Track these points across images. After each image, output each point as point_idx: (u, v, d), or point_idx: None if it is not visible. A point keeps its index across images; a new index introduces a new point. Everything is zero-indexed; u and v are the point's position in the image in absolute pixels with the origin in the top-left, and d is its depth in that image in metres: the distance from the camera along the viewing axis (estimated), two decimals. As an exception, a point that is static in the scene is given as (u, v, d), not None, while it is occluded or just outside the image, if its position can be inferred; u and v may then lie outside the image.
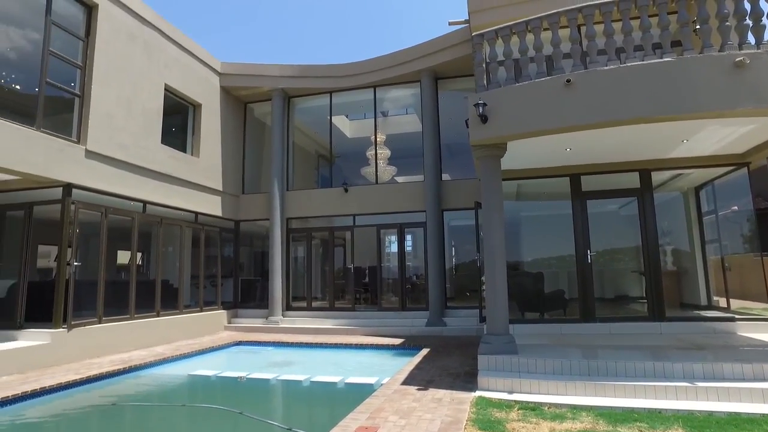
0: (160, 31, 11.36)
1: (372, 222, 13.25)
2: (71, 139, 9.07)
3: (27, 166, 8.07)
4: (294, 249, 14.13)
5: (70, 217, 8.84)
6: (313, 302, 13.67)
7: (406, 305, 12.72)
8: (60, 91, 9.14)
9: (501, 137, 6.79)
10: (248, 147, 14.96)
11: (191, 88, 12.46)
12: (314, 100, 14.60)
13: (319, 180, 16.54)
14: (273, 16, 42.27)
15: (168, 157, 11.36)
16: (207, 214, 12.91)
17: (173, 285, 12.00)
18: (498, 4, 9.95)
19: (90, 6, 9.63)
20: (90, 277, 9.53)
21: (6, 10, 8.52)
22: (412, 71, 13.00)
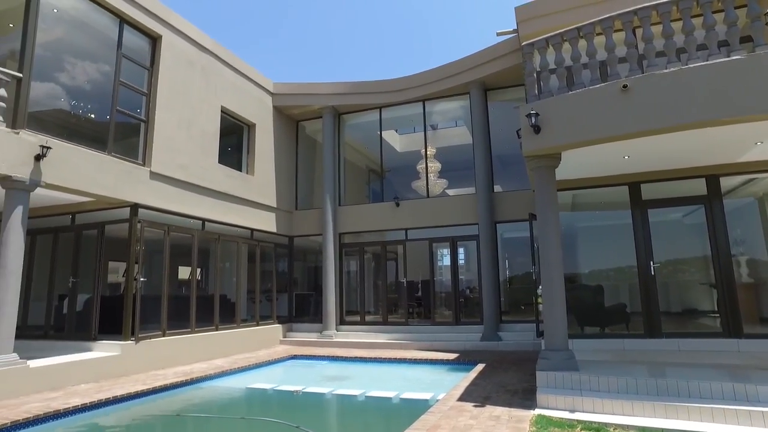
0: (216, 57, 11.91)
1: (424, 236, 13.20)
2: (137, 162, 9.62)
3: (100, 189, 8.63)
4: (347, 263, 14.27)
5: (137, 235, 9.34)
6: (366, 316, 13.72)
7: (459, 319, 12.53)
8: (128, 117, 9.73)
9: (555, 147, 6.61)
10: (301, 164, 15.33)
11: (246, 108, 12.96)
12: (364, 116, 14.81)
13: (370, 195, 16.68)
14: (323, 36, 43.44)
15: (225, 176, 11.82)
16: (262, 231, 13.29)
17: (231, 300, 12.39)
18: (547, 11, 9.75)
19: (154, 37, 10.25)
20: (154, 292, 10.00)
21: (83, 46, 9.24)
22: (460, 83, 12.95)
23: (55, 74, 8.75)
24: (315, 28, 42.98)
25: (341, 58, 44.52)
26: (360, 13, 41.50)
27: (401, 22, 42.44)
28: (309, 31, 42.89)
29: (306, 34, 42.97)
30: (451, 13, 41.73)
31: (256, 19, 42.81)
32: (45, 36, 8.32)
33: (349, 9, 41.35)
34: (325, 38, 43.88)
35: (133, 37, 9.87)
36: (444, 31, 43.03)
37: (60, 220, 10.00)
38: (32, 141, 7.60)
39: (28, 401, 6.65)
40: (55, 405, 6.33)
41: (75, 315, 9.67)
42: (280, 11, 40.84)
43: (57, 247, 10.08)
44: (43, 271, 10.10)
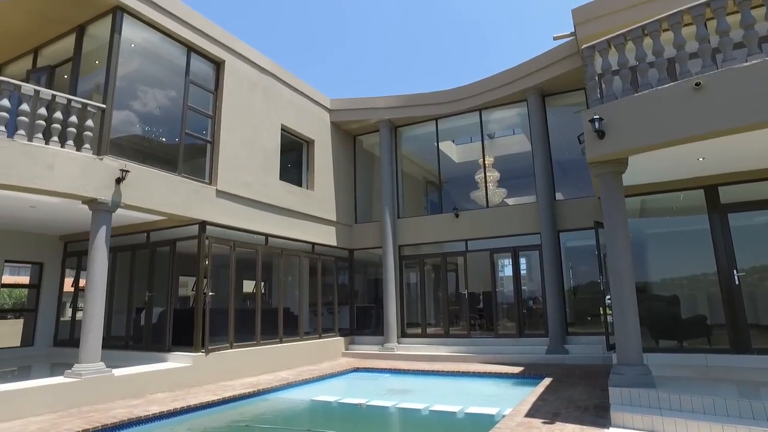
0: (276, 77, 12.38)
1: (484, 246, 12.97)
2: (204, 181, 10.12)
3: (171, 207, 9.14)
4: (407, 275, 14.26)
5: (205, 251, 9.79)
6: (427, 329, 13.62)
7: (523, 332, 12.16)
8: (195, 139, 10.28)
9: (621, 152, 6.32)
10: (359, 178, 15.56)
11: (305, 125, 13.34)
12: (420, 127, 14.85)
13: (428, 206, 16.64)
14: (380, 51, 44.14)
15: (286, 192, 12.18)
16: (323, 244, 13.56)
17: (294, 313, 12.68)
18: (605, 11, 9.41)
19: (218, 63, 10.81)
20: (221, 306, 10.40)
21: (155, 75, 9.91)
22: (517, 90, 12.72)
23: (131, 102, 9.41)
24: (373, 46, 43.74)
25: (399, 74, 45.05)
26: (415, 29, 41.84)
27: (457, 34, 42.36)
28: (368, 49, 43.73)
29: (365, 52, 43.83)
30: (507, 20, 41.22)
31: (318, 41, 44.16)
32: (123, 69, 8.98)
33: (404, 26, 41.84)
34: (383, 55, 44.55)
35: (199, 63, 10.46)
36: (500, 39, 42.54)
37: (137, 238, 10.67)
38: (113, 166, 8.19)
39: (114, 407, 7.10)
40: (137, 412, 6.71)
41: (151, 327, 10.24)
42: (341, 33, 41.96)
43: (134, 263, 10.75)
44: (122, 285, 10.79)
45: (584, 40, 9.68)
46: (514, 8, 41.49)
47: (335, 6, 42.88)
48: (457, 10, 40.56)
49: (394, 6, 40.89)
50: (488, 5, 39.98)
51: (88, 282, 7.93)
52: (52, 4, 8.90)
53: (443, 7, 40.07)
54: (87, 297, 7.92)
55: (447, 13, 40.44)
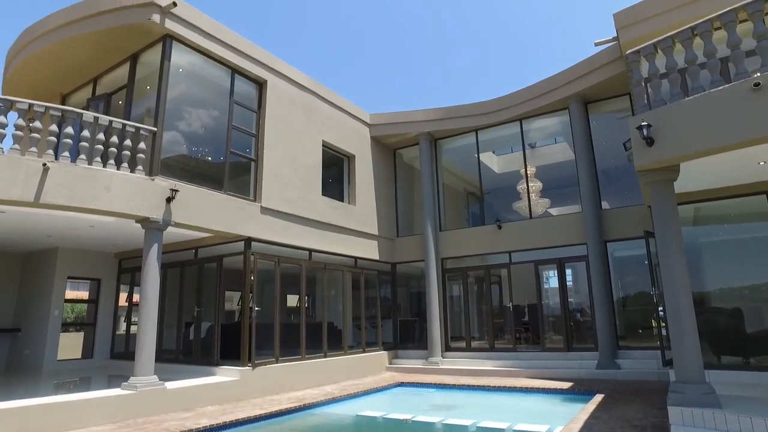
0: (316, 94, 12.63)
1: (528, 258, 12.70)
2: (249, 198, 10.39)
3: (218, 225, 9.43)
4: (450, 288, 14.11)
5: (251, 266, 10.01)
6: (471, 342, 13.40)
7: (571, 345, 11.78)
8: (239, 157, 10.59)
9: (672, 159, 6.08)
10: (400, 191, 15.60)
11: (345, 141, 13.52)
12: (460, 139, 14.79)
13: (469, 218, 16.49)
14: (419, 64, 44.44)
15: (328, 207, 12.34)
16: (365, 258, 13.63)
17: (337, 327, 12.75)
18: (649, 14, 9.15)
19: (260, 83, 11.14)
20: (266, 320, 10.57)
21: (201, 97, 10.33)
22: (558, 99, 12.50)
23: (179, 124, 9.82)
24: (412, 60, 44.13)
25: (438, 86, 45.23)
26: (454, 41, 41.95)
27: (496, 44, 42.16)
28: (408, 63, 44.14)
29: (404, 66, 44.29)
30: (547, 28, 40.72)
31: (357, 56, 44.99)
32: (172, 92, 9.39)
33: (443, 39, 42.02)
34: (423, 69, 44.88)
35: (242, 84, 10.81)
36: (539, 47, 42.08)
37: (185, 254, 11.04)
38: (164, 185, 8.53)
39: (167, 419, 7.32)
40: (188, 424, 6.88)
41: (200, 341, 10.53)
42: (379, 48, 42.57)
43: (183, 279, 11.12)
44: (172, 300, 11.15)
45: (627, 45, 9.46)
46: (554, 16, 41.00)
47: (374, 22, 43.65)
48: (496, 21, 40.43)
49: (433, 19, 41.25)
50: (528, 15, 39.68)
51: (142, 298, 8.25)
52: (110, 36, 9.44)
53: (481, 17, 40.11)
54: (141, 312, 8.23)
55: (486, 23, 40.41)
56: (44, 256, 11.97)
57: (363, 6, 42.69)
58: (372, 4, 42.33)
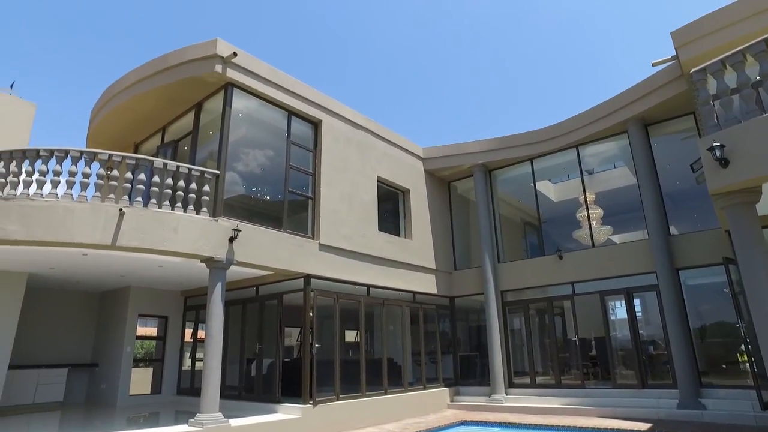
0: (370, 131, 12.91)
1: (593, 288, 12.13)
2: (307, 236, 10.62)
3: (278, 263, 9.67)
4: (510, 321, 13.67)
5: (311, 303, 10.14)
6: (536, 378, 12.82)
7: (646, 382, 10.99)
8: (297, 196, 10.91)
9: (752, 180, 5.66)
10: (455, 224, 15.48)
11: (399, 176, 13.66)
12: (515, 169, 14.60)
13: (528, 249, 16.06)
14: (471, 96, 44.78)
15: (385, 242, 12.40)
16: (423, 293, 13.50)
17: (397, 363, 12.58)
18: (710, 30, 8.82)
19: (316, 123, 11.54)
20: (326, 357, 10.58)
21: (259, 139, 10.83)
22: (615, 123, 12.15)
23: (240, 165, 10.29)
24: (463, 91, 44.59)
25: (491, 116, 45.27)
26: (506, 70, 42.09)
27: (549, 71, 41.93)
28: (458, 95, 44.61)
29: (455, 98, 44.77)
30: (599, 52, 40.09)
31: (409, 90, 46.01)
32: (233, 136, 9.88)
33: (495, 67, 42.27)
34: (474, 99, 45.16)
35: (298, 125, 11.23)
36: (593, 72, 41.37)
37: (247, 292, 11.35)
38: (227, 226, 8.89)
39: (230, 459, 7.37)
40: (251, 464, 6.90)
41: (262, 378, 10.67)
42: (429, 81, 43.35)
43: (245, 316, 11.40)
44: (235, 337, 11.43)
45: (688, 63, 9.13)
46: (606, 40, 40.36)
47: (422, 55, 44.66)
48: (545, 46, 40.33)
49: (482, 48, 41.68)
50: (578, 38, 39.35)
51: (207, 336, 8.50)
52: (178, 88, 10.14)
53: (531, 44, 40.11)
54: (206, 350, 8.47)
55: (536, 50, 40.37)
56: (118, 295, 12.67)
57: (411, 41, 43.86)
58: (420, 40, 43.42)
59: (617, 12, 38.83)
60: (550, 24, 40.63)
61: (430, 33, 43.84)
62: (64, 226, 7.57)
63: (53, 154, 8.04)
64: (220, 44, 9.53)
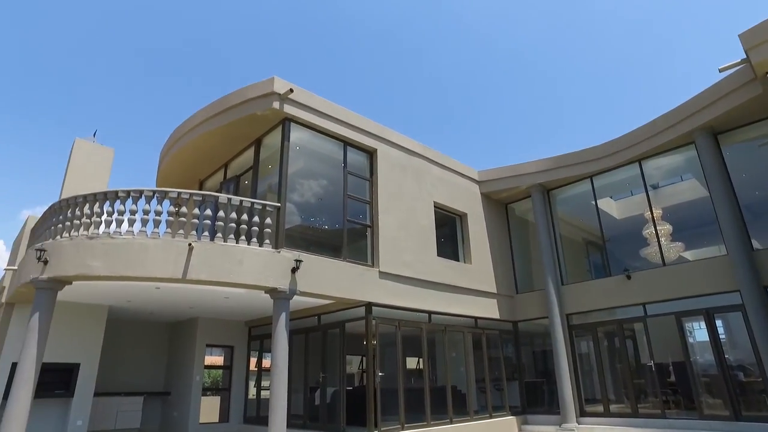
0: (424, 157, 12.96)
1: (667, 309, 11.43)
2: (367, 264, 10.69)
3: (339, 291, 9.77)
4: (578, 345, 13.07)
5: (373, 331, 10.13)
6: (610, 406, 12.10)
7: (739, 412, 10.05)
8: (354, 224, 11.04)
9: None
10: (515, 246, 15.14)
11: (456, 200, 13.57)
12: (574, 188, 14.19)
13: (591, 269, 15.39)
14: (525, 115, 44.26)
15: (444, 267, 12.27)
16: (485, 318, 13.20)
17: (461, 390, 12.27)
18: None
19: (371, 152, 11.72)
20: (389, 385, 10.48)
21: (316, 170, 11.11)
22: (681, 134, 11.60)
23: (298, 197, 10.57)
24: (517, 111, 44.20)
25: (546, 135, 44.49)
26: (559, 86, 41.44)
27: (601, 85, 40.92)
28: (511, 115, 44.27)
29: (508, 119, 44.45)
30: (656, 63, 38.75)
31: (460, 112, 46.15)
32: (291, 168, 10.18)
33: (548, 84, 41.73)
34: (529, 118, 44.64)
35: (353, 154, 11.44)
36: (651, 83, 39.97)
37: (309, 321, 11.50)
38: (288, 257, 9.10)
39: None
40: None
41: (326, 406, 10.69)
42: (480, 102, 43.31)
43: (308, 345, 11.53)
44: (298, 366, 11.53)
45: (762, 65, 8.65)
46: (662, 49, 38.97)
47: (470, 77, 44.78)
48: (600, 58, 39.40)
49: (533, 65, 41.31)
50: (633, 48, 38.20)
51: (273, 366, 8.64)
52: (238, 126, 10.63)
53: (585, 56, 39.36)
54: (272, 379, 8.60)
55: (591, 62, 39.52)
56: (187, 326, 13.18)
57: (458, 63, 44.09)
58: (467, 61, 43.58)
59: (675, 20, 37.46)
60: (603, 36, 39.75)
61: (477, 55, 43.96)
62: (140, 262, 8.01)
63: (129, 195, 8.58)
64: (277, 82, 9.95)
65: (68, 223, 8.61)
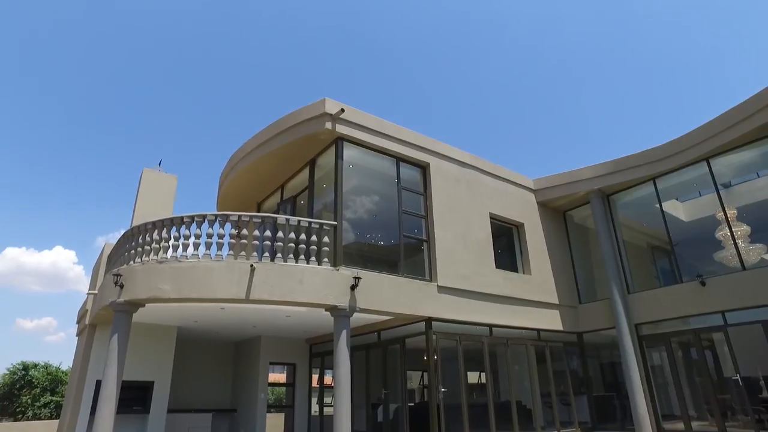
0: (477, 169, 12.80)
1: (752, 317, 10.60)
2: (425, 279, 10.62)
3: (398, 307, 9.74)
4: (649, 357, 12.38)
5: (433, 346, 10.02)
6: (692, 424, 11.31)
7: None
8: (410, 239, 11.01)
9: None
10: (575, 254, 14.61)
11: (511, 210, 13.29)
12: (636, 191, 13.57)
13: (659, 276, 14.61)
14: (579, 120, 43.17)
15: (503, 279, 12.01)
16: (548, 330, 12.77)
17: (526, 405, 11.90)
18: None
19: (423, 166, 11.70)
20: (450, 400, 10.28)
21: (370, 187, 11.23)
22: (754, 127, 10.87)
23: (353, 214, 10.68)
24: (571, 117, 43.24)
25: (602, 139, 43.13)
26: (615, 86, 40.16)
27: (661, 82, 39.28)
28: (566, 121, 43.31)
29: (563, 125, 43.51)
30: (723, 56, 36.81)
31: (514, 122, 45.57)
32: (345, 186, 10.32)
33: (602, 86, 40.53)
34: (583, 123, 43.54)
35: (406, 170, 11.47)
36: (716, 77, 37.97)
37: (369, 337, 11.52)
38: (347, 274, 9.18)
39: None
40: None
41: (389, 423, 10.63)
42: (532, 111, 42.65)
43: (368, 361, 11.54)
44: (359, 383, 11.55)
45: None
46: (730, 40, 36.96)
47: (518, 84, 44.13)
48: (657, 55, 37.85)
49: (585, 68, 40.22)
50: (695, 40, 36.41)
51: (336, 383, 8.69)
52: (292, 148, 10.92)
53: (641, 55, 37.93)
54: (336, 397, 8.65)
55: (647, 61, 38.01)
56: (250, 344, 13.53)
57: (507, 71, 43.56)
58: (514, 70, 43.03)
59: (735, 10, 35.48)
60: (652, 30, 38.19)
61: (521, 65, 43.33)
62: (206, 284, 8.33)
63: (194, 219, 8.97)
64: (329, 103, 10.16)
65: (140, 248, 9.10)
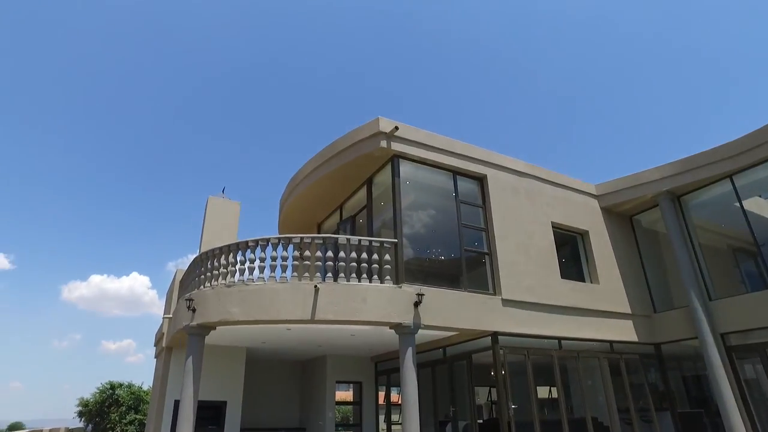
0: (535, 177, 12.48)
1: None
2: (489, 292, 10.40)
3: (463, 322, 9.60)
4: (741, 370, 11.43)
5: (501, 361, 9.76)
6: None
7: None
8: (472, 253, 10.84)
9: None
10: (646, 261, 13.83)
11: (574, 218, 12.82)
12: (710, 190, 12.73)
13: (745, 280, 13.55)
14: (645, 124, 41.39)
15: (569, 289, 11.56)
16: (621, 341, 12.10)
17: (602, 422, 11.30)
18: None
19: (480, 178, 11.55)
20: (521, 417, 9.92)
21: (428, 203, 11.22)
22: (844, 116, 9.95)
23: (413, 230, 10.65)
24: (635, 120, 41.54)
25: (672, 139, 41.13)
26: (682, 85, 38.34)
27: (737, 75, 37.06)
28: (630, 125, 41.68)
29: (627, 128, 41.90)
30: (785, 38, 34.22)
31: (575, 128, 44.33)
32: (403, 203, 10.34)
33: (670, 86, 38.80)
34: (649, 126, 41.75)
35: (463, 182, 11.36)
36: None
37: (434, 354, 11.38)
38: (410, 291, 9.15)
39: None
40: None
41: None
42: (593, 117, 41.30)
43: (435, 378, 11.38)
44: (426, 400, 11.41)
45: None
46: None
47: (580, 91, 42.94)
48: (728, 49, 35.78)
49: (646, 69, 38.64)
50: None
51: (403, 401, 8.63)
52: (349, 168, 11.12)
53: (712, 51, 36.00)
54: (403, 415, 8.58)
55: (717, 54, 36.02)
56: (316, 364, 13.72)
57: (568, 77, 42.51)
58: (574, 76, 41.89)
59: None
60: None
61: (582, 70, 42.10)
62: (272, 305, 8.56)
63: (258, 243, 9.26)
64: (382, 121, 10.27)
65: (209, 273, 9.49)
